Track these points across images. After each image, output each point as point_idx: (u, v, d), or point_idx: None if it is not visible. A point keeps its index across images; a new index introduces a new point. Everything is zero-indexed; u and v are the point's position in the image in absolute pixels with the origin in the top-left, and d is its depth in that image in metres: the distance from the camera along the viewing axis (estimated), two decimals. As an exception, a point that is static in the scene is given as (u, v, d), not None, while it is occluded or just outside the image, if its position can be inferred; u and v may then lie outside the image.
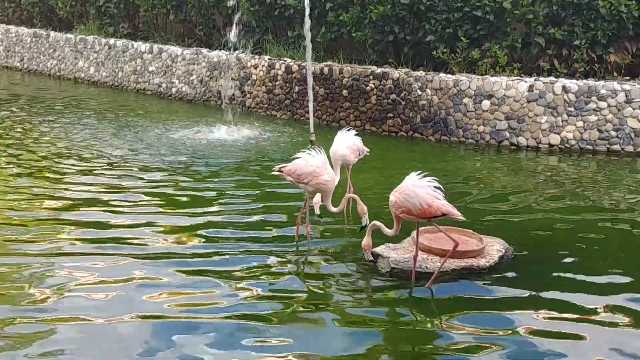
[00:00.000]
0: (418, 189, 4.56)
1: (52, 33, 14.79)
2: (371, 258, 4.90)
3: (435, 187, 4.61)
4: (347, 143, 5.78)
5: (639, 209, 6.55)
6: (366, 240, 4.79)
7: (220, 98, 11.42)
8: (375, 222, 4.75)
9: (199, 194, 6.76)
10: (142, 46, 12.83)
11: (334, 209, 5.08)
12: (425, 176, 4.66)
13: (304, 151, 5.22)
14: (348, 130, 5.93)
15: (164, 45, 12.67)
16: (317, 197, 5.22)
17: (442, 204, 4.56)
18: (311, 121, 8.87)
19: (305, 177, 5.01)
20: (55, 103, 11.63)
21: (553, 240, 5.63)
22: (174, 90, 12.27)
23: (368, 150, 6.02)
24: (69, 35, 14.34)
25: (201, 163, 7.95)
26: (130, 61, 12.98)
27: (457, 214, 4.58)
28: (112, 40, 13.42)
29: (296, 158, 5.15)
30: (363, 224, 4.95)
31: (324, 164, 5.04)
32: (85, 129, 9.62)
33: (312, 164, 5.02)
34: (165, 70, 12.41)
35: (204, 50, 11.92)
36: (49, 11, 15.53)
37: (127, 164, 7.83)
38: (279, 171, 5.21)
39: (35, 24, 15.75)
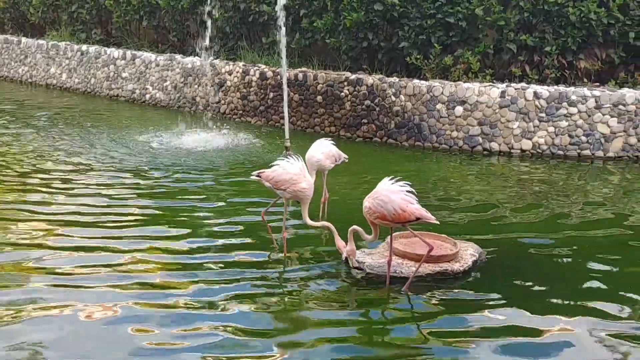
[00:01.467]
0: (391, 194, 4.59)
1: (24, 39, 14.64)
2: (356, 264, 4.87)
3: (408, 191, 4.64)
4: (323, 149, 5.82)
5: (608, 213, 6.66)
6: (349, 246, 4.78)
7: (194, 104, 11.38)
8: (354, 227, 4.76)
9: (171, 204, 6.72)
10: (115, 52, 12.75)
11: (308, 221, 5.05)
12: (397, 181, 4.69)
13: (281, 158, 5.24)
14: (325, 139, 5.95)
15: (137, 51, 12.61)
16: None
17: (415, 208, 4.59)
18: (286, 127, 8.89)
19: (283, 184, 5.03)
20: (26, 110, 11.50)
21: (525, 244, 5.69)
22: (147, 96, 12.20)
23: (346, 157, 6.03)
24: (40, 42, 14.21)
25: (174, 170, 7.90)
26: (103, 67, 12.90)
27: (431, 218, 4.62)
28: (84, 47, 13.32)
29: (274, 165, 5.15)
30: (343, 258, 4.90)
31: (302, 171, 5.06)
32: (54, 137, 9.51)
33: (290, 172, 5.03)
34: (138, 77, 12.35)
35: (178, 57, 11.88)
36: (20, 17, 15.38)
37: (98, 171, 7.77)
38: (258, 176, 5.20)
39: (7, 30, 15.59)
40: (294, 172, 5.02)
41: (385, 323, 4.38)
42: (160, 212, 6.34)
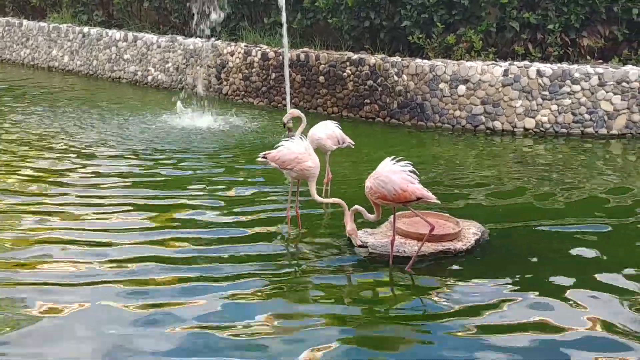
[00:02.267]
0: (392, 174, 4.60)
1: (25, 22, 14.60)
2: (359, 243, 4.90)
3: (410, 171, 4.65)
4: (326, 130, 5.87)
5: (610, 191, 6.65)
6: (350, 226, 4.81)
7: (196, 86, 11.37)
8: (356, 206, 4.78)
9: (176, 182, 6.74)
10: (117, 34, 12.72)
11: (318, 198, 5.13)
12: (399, 161, 4.70)
13: (285, 139, 5.30)
14: (332, 122, 5.99)
15: (138, 33, 12.58)
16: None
17: (416, 187, 4.60)
18: (288, 108, 8.89)
19: (289, 164, 5.09)
20: (28, 92, 11.50)
21: (529, 222, 5.70)
22: (149, 78, 12.19)
23: (352, 142, 6.05)
24: (42, 24, 14.17)
25: (179, 150, 7.91)
26: (105, 49, 12.87)
27: (432, 197, 4.63)
28: (86, 29, 13.29)
29: (279, 146, 5.20)
30: (356, 245, 4.93)
31: (307, 150, 5.11)
32: (59, 118, 9.52)
33: (295, 151, 5.09)
34: (140, 59, 12.33)
35: (180, 38, 11.85)
36: (21, -1, 15.35)
37: (101, 154, 7.78)
38: (264, 157, 5.25)
39: (8, 12, 15.54)
40: (298, 151, 5.09)
41: (388, 302, 4.40)
42: (163, 198, 6.35)
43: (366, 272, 4.79)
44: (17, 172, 6.96)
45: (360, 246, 4.93)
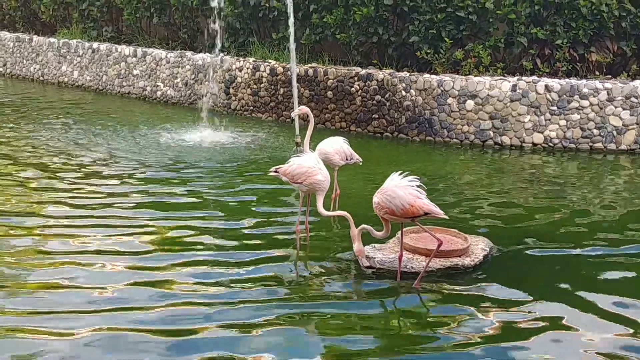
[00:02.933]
0: (399, 189, 4.60)
1: (35, 37, 14.72)
2: (367, 264, 4.88)
3: (418, 186, 4.65)
4: (334, 144, 5.88)
5: (621, 207, 6.62)
6: (357, 246, 4.82)
7: (205, 101, 11.40)
8: (363, 225, 4.78)
9: (184, 199, 6.74)
10: (126, 49, 12.80)
11: (324, 212, 5.12)
12: (406, 176, 4.70)
13: (295, 155, 5.37)
14: (342, 138, 6.01)
15: (148, 48, 12.65)
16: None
17: (423, 203, 4.59)
18: (296, 123, 8.90)
19: (299, 177, 5.13)
20: (37, 108, 11.56)
21: (537, 239, 5.68)
22: (158, 93, 12.25)
23: (360, 159, 6.05)
24: (52, 40, 14.28)
25: (188, 166, 7.93)
26: (114, 65, 12.95)
27: (440, 213, 4.61)
28: (95, 44, 13.38)
29: (290, 161, 5.26)
30: (363, 266, 4.92)
31: (317, 164, 5.14)
32: (68, 133, 9.56)
33: (305, 165, 5.14)
34: (149, 74, 12.39)
35: (188, 53, 11.91)
36: (31, 15, 15.47)
37: (110, 168, 7.80)
38: (275, 172, 5.30)
39: (18, 28, 15.67)
40: (308, 165, 5.14)
41: (396, 318, 4.38)
42: (167, 219, 6.35)
43: (374, 288, 4.77)
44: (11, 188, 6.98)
45: (367, 267, 4.91)
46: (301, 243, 5.42)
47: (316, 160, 5.21)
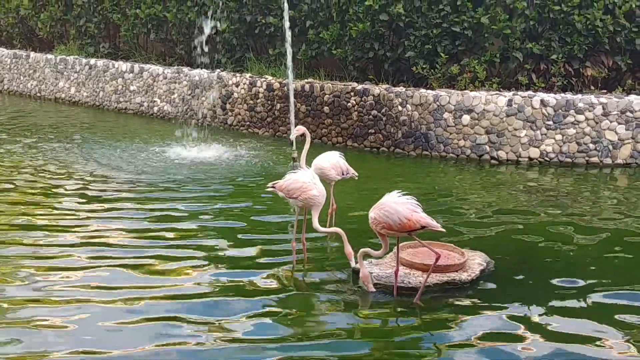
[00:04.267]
0: (396, 205, 4.61)
1: (32, 54, 14.75)
2: (373, 290, 4.87)
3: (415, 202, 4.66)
4: (331, 160, 5.89)
5: (617, 221, 6.63)
6: (362, 272, 4.85)
7: (201, 116, 11.42)
8: (363, 250, 4.79)
9: (182, 213, 6.74)
10: (123, 65, 12.83)
11: (319, 228, 5.13)
12: (404, 195, 4.70)
13: (292, 170, 5.38)
14: (337, 153, 6.03)
15: (145, 64, 12.69)
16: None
17: (421, 216, 4.60)
18: (293, 138, 8.90)
19: (295, 192, 5.15)
20: (35, 124, 11.56)
21: (534, 253, 5.68)
22: (155, 109, 12.27)
23: (356, 173, 6.06)
24: (49, 56, 14.31)
25: (187, 181, 7.92)
26: (111, 81, 12.98)
27: (437, 226, 4.61)
28: (92, 60, 13.41)
29: (287, 175, 5.28)
30: (352, 266, 5.04)
31: (312, 179, 5.15)
32: (67, 149, 9.55)
33: (301, 180, 5.16)
34: (146, 90, 12.42)
35: (185, 69, 11.94)
36: (28, 32, 15.51)
37: (112, 185, 7.80)
38: (272, 187, 5.34)
39: (15, 44, 15.71)
40: (304, 180, 5.16)
41: (394, 334, 4.37)
42: (171, 222, 6.35)
43: (371, 303, 4.76)
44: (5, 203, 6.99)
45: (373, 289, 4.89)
46: (296, 259, 5.41)
47: (312, 176, 5.22)
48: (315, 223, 5.11)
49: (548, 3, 9.23)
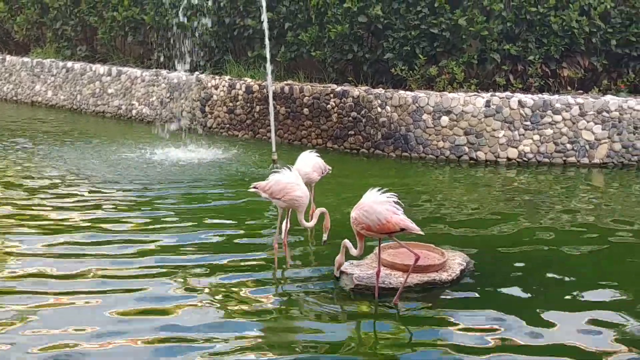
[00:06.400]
0: (376, 205, 4.62)
1: (8, 57, 14.60)
2: (337, 275, 5.01)
3: (395, 202, 4.67)
4: (311, 162, 5.90)
5: (594, 220, 6.70)
6: (339, 258, 4.95)
7: (180, 119, 11.38)
8: (346, 240, 4.82)
9: (161, 217, 6.69)
10: (101, 68, 12.74)
11: (306, 224, 5.23)
12: (385, 192, 4.72)
13: (273, 172, 5.37)
14: (310, 152, 6.05)
15: (122, 67, 12.61)
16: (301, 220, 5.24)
17: (400, 219, 4.61)
18: (273, 140, 8.92)
19: (278, 193, 5.16)
20: (7, 127, 11.45)
21: (513, 252, 5.72)
22: (134, 112, 12.20)
23: (330, 168, 6.14)
24: (25, 59, 14.18)
25: (164, 186, 7.88)
26: (89, 84, 12.88)
27: (416, 229, 4.63)
28: (69, 63, 13.31)
29: (269, 177, 5.29)
30: (324, 239, 5.25)
31: (296, 180, 5.17)
32: (42, 155, 9.46)
33: (284, 181, 5.17)
34: (124, 93, 12.34)
35: (164, 72, 11.89)
36: (4, 35, 15.36)
37: (88, 191, 7.74)
38: (254, 187, 5.34)
39: (-9, 48, 15.55)
40: (287, 181, 5.17)
41: (375, 335, 4.37)
42: (156, 224, 6.31)
43: (351, 305, 4.76)
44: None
45: (336, 277, 5.01)
46: (277, 260, 5.40)
47: (295, 176, 5.23)
48: (302, 221, 5.18)
49: (525, 5, 9.32)
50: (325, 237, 5.25)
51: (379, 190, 4.74)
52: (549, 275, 5.27)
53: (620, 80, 9.43)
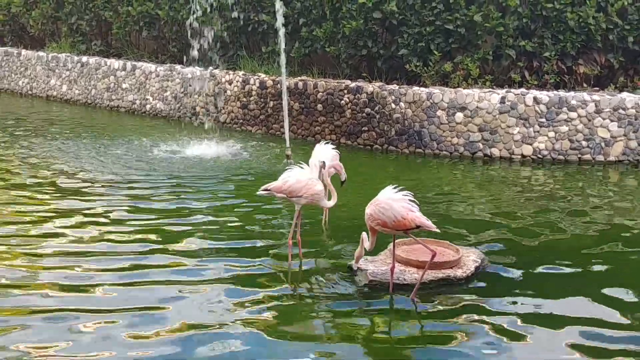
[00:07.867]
0: (393, 202, 4.61)
1: (24, 51, 14.69)
2: (356, 267, 5.01)
3: (410, 200, 4.66)
4: (329, 154, 5.87)
5: (609, 218, 6.66)
6: (358, 251, 4.88)
7: (194, 114, 11.41)
8: (364, 233, 4.81)
9: (179, 211, 6.72)
10: (115, 63, 12.79)
11: (329, 203, 5.23)
12: (400, 190, 4.71)
13: (287, 168, 5.33)
14: (325, 143, 6.02)
15: (137, 62, 12.65)
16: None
17: (416, 216, 4.60)
18: (287, 136, 8.91)
19: (299, 191, 5.11)
20: (26, 121, 11.52)
21: (527, 250, 5.69)
22: (148, 107, 12.23)
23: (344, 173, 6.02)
24: (40, 54, 14.26)
25: (181, 180, 7.90)
26: (104, 78, 12.93)
27: (432, 226, 4.62)
28: (84, 58, 13.36)
29: (282, 176, 5.22)
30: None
31: (312, 176, 5.14)
32: (58, 148, 9.51)
33: (302, 178, 5.13)
34: (139, 87, 12.38)
35: (178, 67, 11.91)
36: (20, 29, 15.44)
37: (104, 184, 7.77)
38: (266, 190, 5.23)
39: (6, 42, 15.63)
40: (306, 178, 5.14)
41: (389, 331, 4.37)
42: (166, 219, 6.34)
43: (366, 301, 4.76)
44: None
45: (350, 270, 4.99)
46: (292, 255, 5.39)
47: (310, 172, 5.20)
48: (326, 203, 5.20)
49: (541, 0, 9.26)
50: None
51: (394, 187, 4.74)
52: (564, 272, 5.24)
53: (637, 77, 9.36)
